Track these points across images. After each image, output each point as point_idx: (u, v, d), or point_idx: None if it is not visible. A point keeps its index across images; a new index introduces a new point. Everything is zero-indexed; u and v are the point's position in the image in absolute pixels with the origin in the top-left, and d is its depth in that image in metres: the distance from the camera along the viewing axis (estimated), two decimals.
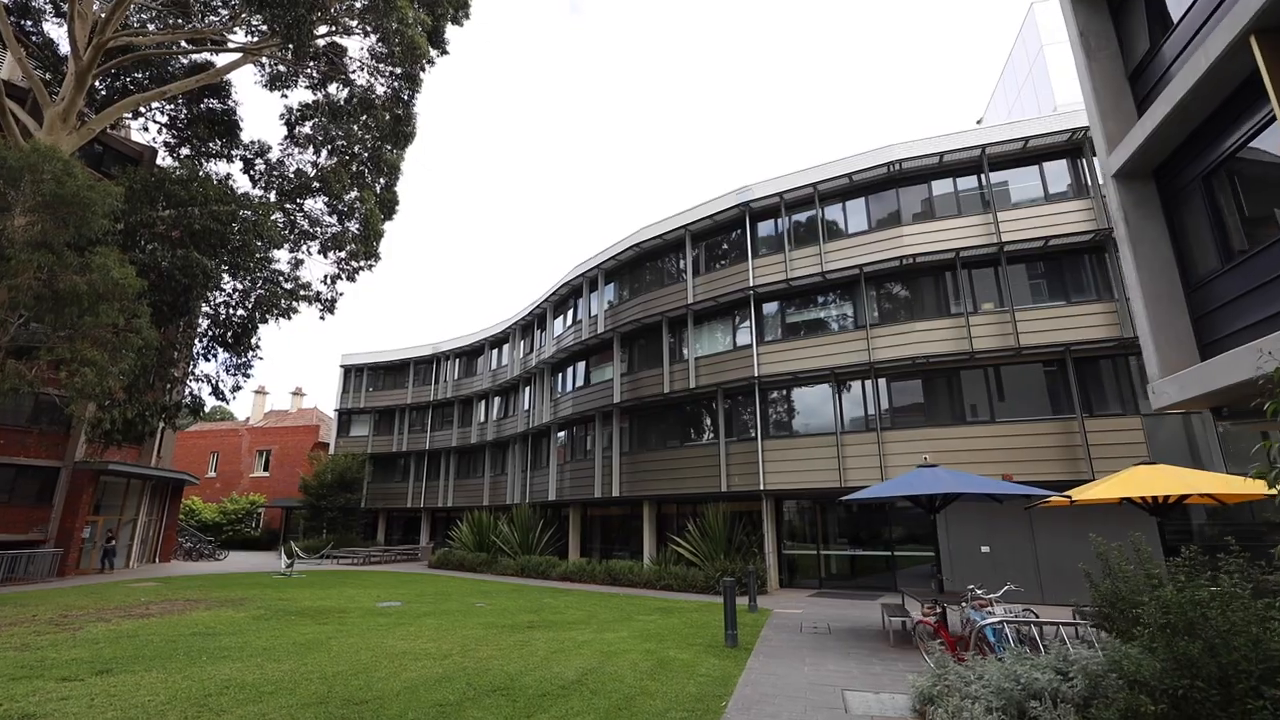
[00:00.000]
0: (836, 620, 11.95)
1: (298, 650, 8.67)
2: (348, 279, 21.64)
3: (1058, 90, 17.50)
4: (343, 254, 21.47)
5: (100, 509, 22.34)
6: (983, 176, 16.97)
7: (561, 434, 26.01)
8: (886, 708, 6.06)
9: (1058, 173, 16.73)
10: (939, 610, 7.36)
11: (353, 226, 21.67)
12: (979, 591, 7.19)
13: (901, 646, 9.17)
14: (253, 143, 21.93)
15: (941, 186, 17.69)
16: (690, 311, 20.74)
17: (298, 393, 44.04)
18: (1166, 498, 8.93)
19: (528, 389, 29.30)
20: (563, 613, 12.64)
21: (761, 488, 17.76)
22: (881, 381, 17.12)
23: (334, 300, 21.67)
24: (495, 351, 33.06)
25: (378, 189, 22.11)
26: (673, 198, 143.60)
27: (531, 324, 29.94)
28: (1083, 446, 14.49)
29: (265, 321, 18.55)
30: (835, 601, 14.70)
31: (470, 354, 34.60)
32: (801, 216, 19.44)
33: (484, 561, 23.57)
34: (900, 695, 6.38)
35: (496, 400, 32.05)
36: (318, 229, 21.27)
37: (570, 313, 26.77)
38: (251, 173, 21.77)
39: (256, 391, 42.18)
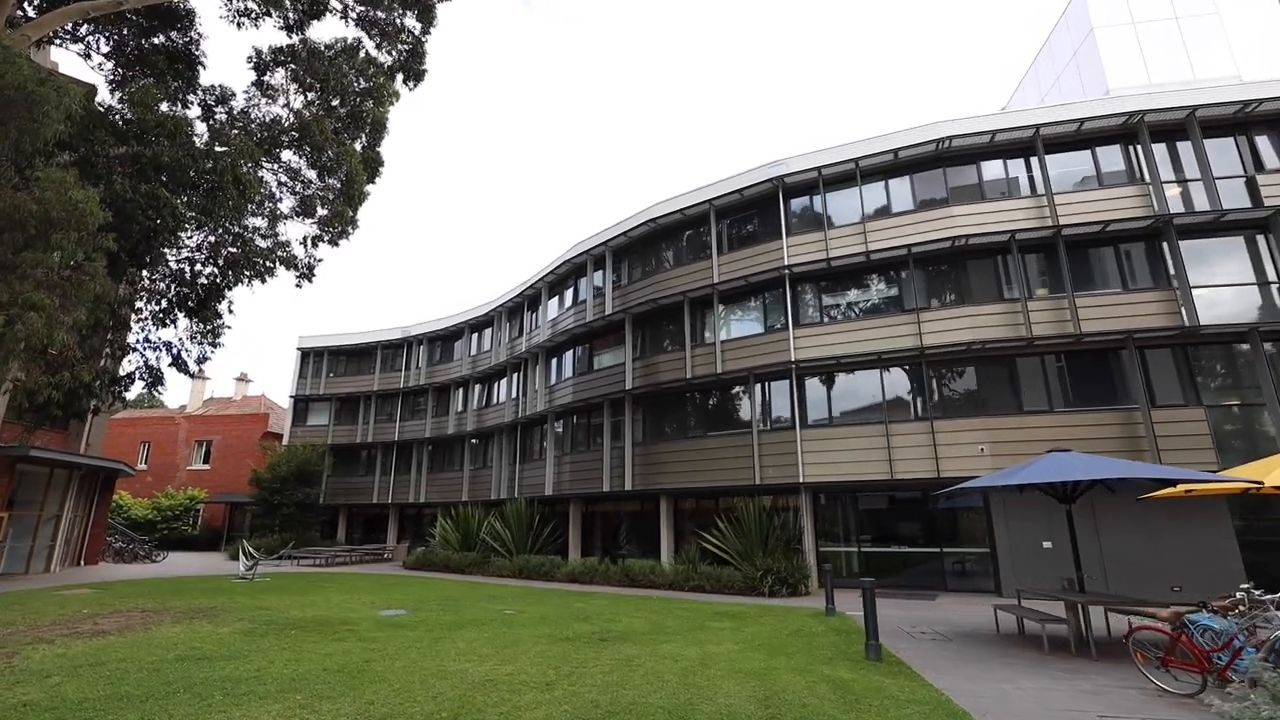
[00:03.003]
0: (926, 623, 10.73)
1: (340, 680, 6.66)
2: (329, 243, 19.07)
3: (1110, 74, 17.05)
4: (324, 213, 18.91)
5: (14, 503, 18.85)
6: (1037, 158, 16.26)
7: (559, 423, 24.04)
8: None
9: (1111, 157, 16.21)
10: (1180, 616, 6.17)
11: (334, 183, 19.15)
12: (1256, 593, 6.02)
13: (1060, 654, 7.99)
14: (214, 86, 18.99)
15: (991, 167, 16.92)
16: (716, 291, 19.28)
17: (243, 378, 39.98)
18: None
19: (516, 375, 27.12)
20: (617, 620, 10.92)
21: (800, 480, 16.49)
22: (931, 368, 16.14)
23: (312, 266, 19.07)
24: (476, 336, 30.64)
25: (359, 146, 19.65)
26: (664, 185, 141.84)
27: (521, 306, 27.77)
28: (1148, 438, 13.88)
29: (238, 283, 15.88)
30: (897, 602, 13.53)
31: (447, 338, 32.00)
32: (842, 193, 18.30)
33: (473, 562, 21.37)
34: None
35: (477, 388, 29.66)
36: (296, 183, 18.63)
37: (570, 293, 24.83)
38: (212, 121, 18.85)
39: (195, 376, 37.89)
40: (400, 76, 16.57)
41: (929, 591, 14.96)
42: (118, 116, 14.07)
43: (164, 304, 14.93)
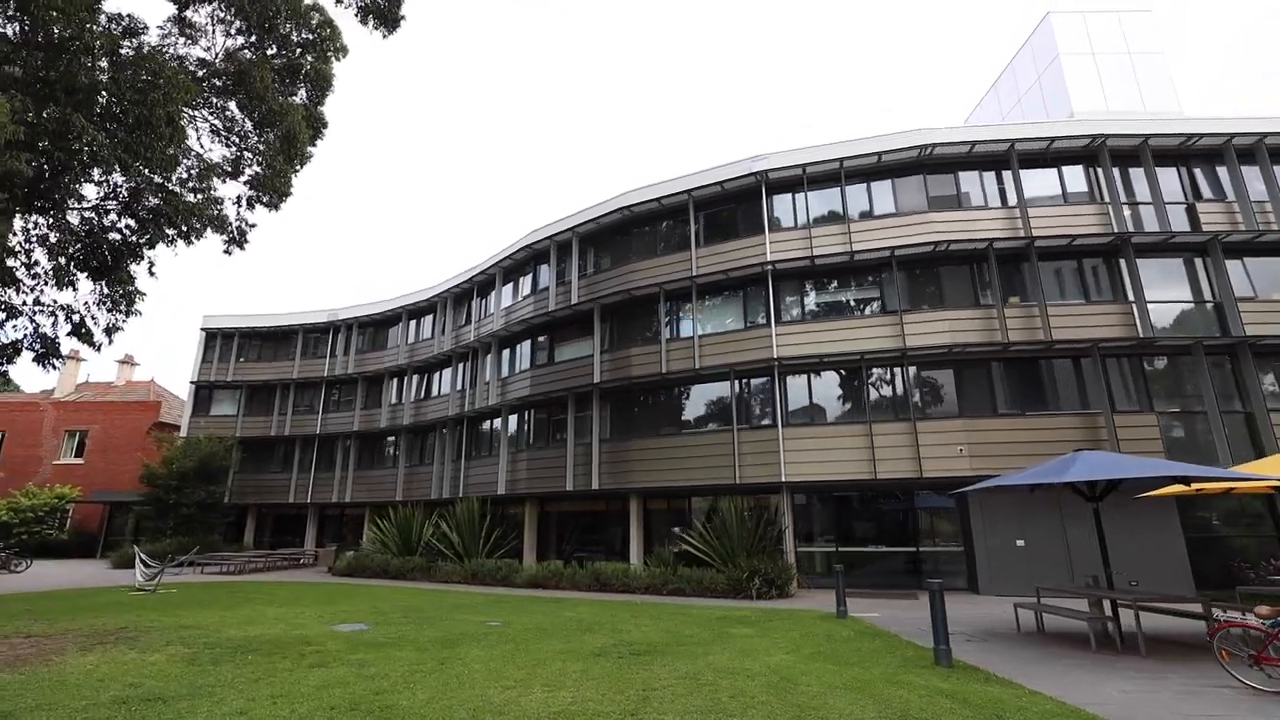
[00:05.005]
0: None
1: None
2: (266, 205, 16.75)
3: (1075, 99, 18.10)
4: (259, 171, 16.58)
5: None
6: (1011, 172, 16.90)
7: (514, 418, 22.56)
8: None
9: (1075, 176, 17.13)
10: (1278, 614, 6.11)
11: (272, 139, 16.85)
12: None
13: (1108, 652, 7.95)
14: (120, 16, 16.13)
15: (968, 177, 17.43)
16: (695, 285, 18.68)
17: (127, 361, 34.95)
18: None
19: (463, 366, 25.29)
20: (625, 630, 9.97)
21: (782, 479, 16.19)
22: (913, 369, 16.35)
23: (244, 230, 16.73)
24: (414, 323, 28.36)
25: (298, 99, 17.45)
26: (635, 178, 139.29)
27: (470, 292, 25.94)
28: (1110, 441, 14.65)
29: (159, 242, 13.46)
30: (884, 602, 13.45)
31: (380, 324, 29.43)
32: (825, 192, 18.25)
33: (417, 567, 19.51)
34: None
35: (415, 379, 27.44)
36: (231, 135, 16.25)
37: (529, 280, 23.42)
38: (126, 51, 15.99)
39: (65, 356, 32.69)
40: (373, 21, 14.70)
41: (909, 591, 15.05)
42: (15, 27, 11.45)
43: (63, 261, 12.30)
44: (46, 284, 12.67)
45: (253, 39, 16.30)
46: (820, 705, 5.47)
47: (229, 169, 16.50)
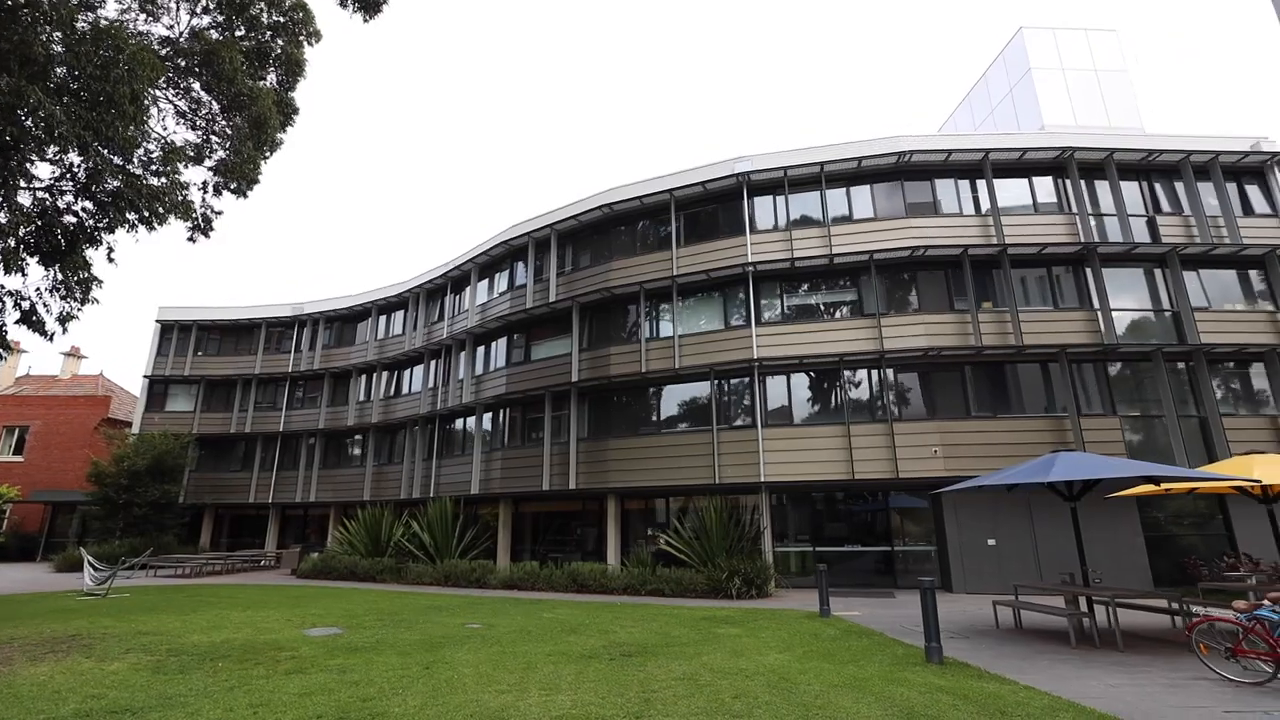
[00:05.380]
0: (919, 622, 10.70)
1: None
2: (234, 192, 16.09)
3: (1045, 112, 18.70)
4: (226, 156, 15.92)
5: None
6: (985, 180, 17.34)
7: (489, 417, 22.16)
8: None
9: (1045, 187, 17.69)
10: (1255, 608, 6.34)
11: (241, 123, 16.19)
12: None
13: (1087, 648, 8.16)
14: None
15: (944, 184, 17.82)
16: (675, 284, 18.64)
17: (73, 353, 33.16)
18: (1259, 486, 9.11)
19: (435, 363, 24.75)
20: (612, 631, 9.83)
21: (761, 479, 16.26)
22: (890, 371, 16.61)
23: (210, 218, 16.04)
24: (385, 318, 27.64)
25: (269, 83, 16.84)
26: (611, 178, 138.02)
27: (443, 288, 25.39)
28: (1076, 443, 15.13)
29: (119, 226, 12.74)
30: (862, 600, 13.60)
31: (348, 319, 28.57)
32: (806, 195, 18.43)
33: (386, 569, 18.96)
34: None
35: (384, 375, 26.73)
36: (198, 117, 15.57)
37: (505, 277, 23.05)
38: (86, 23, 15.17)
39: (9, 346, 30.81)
40: (352, 4, 14.22)
41: (885, 590, 15.28)
42: None
43: (13, 243, 11.52)
44: None
45: (220, 19, 15.69)
46: (825, 704, 5.44)
47: (194, 153, 15.84)
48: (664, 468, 17.56)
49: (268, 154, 16.71)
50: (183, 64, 15.34)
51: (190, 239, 15.82)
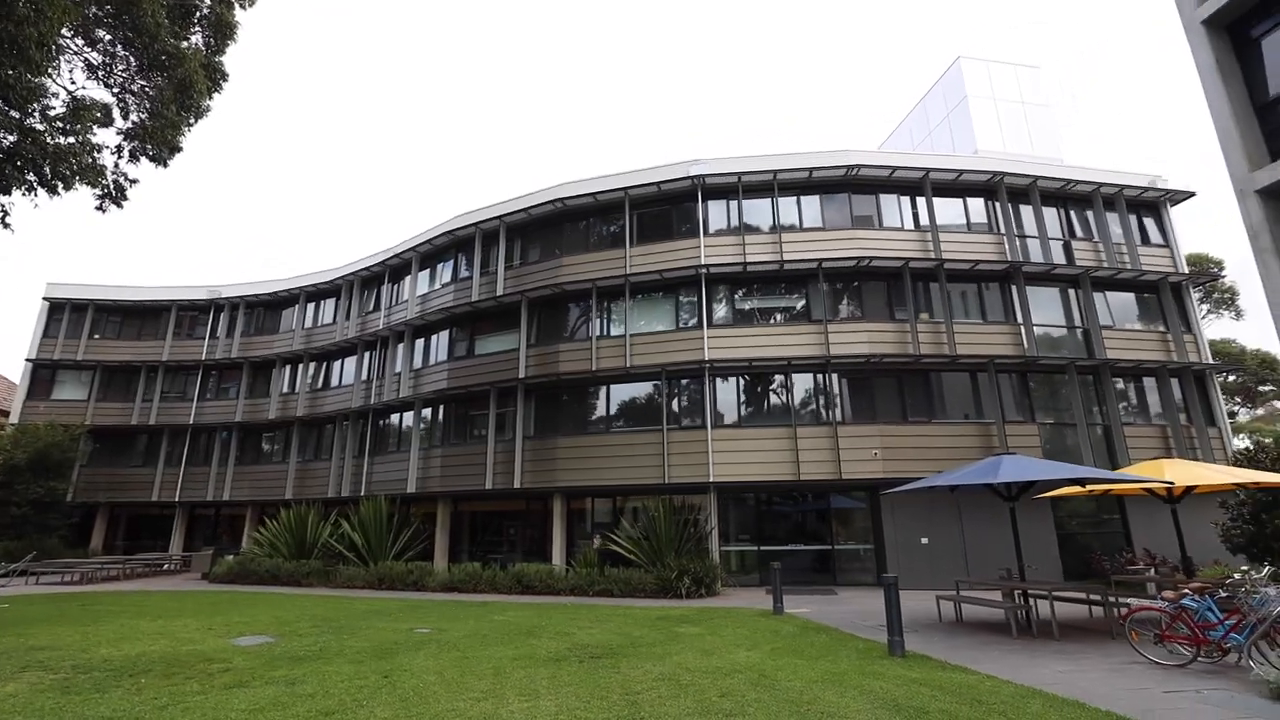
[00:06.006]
0: (869, 616, 11.15)
1: None
2: (152, 159, 14.69)
3: (979, 138, 19.98)
4: (144, 119, 14.51)
5: None
6: (924, 198, 18.32)
7: (428, 412, 21.26)
8: (1259, 710, 5.23)
9: (976, 207, 18.88)
10: (1180, 599, 6.95)
11: (163, 84, 14.80)
12: (1258, 576, 6.93)
13: (1026, 638, 8.73)
14: None
15: (888, 199, 18.67)
16: (628, 283, 18.57)
17: None
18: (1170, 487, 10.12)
19: (369, 355, 23.53)
20: (571, 633, 9.62)
21: (710, 479, 16.44)
22: (835, 376, 17.20)
23: (123, 186, 14.64)
24: (313, 306, 26.01)
25: (194, 42, 15.53)
26: (557, 174, 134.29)
27: (381, 276, 24.17)
28: (1000, 447, 16.21)
29: (15, 188, 11.32)
30: (808, 598, 14.01)
31: (272, 305, 26.68)
32: (759, 202, 18.83)
33: (313, 572, 17.81)
34: (1243, 695, 5.66)
35: (312, 366, 25.14)
36: (114, 75, 14.13)
37: (449, 267, 22.22)
38: None
39: None
40: None
41: (826, 587, 15.81)
42: None
43: None
44: None
45: None
46: (813, 700, 5.51)
47: (106, 114, 14.37)
48: (612, 467, 17.44)
49: (192, 121, 15.46)
50: (96, 11, 13.87)
51: (99, 208, 14.41)
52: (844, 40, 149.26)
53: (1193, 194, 19.53)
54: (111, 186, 14.21)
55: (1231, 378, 29.80)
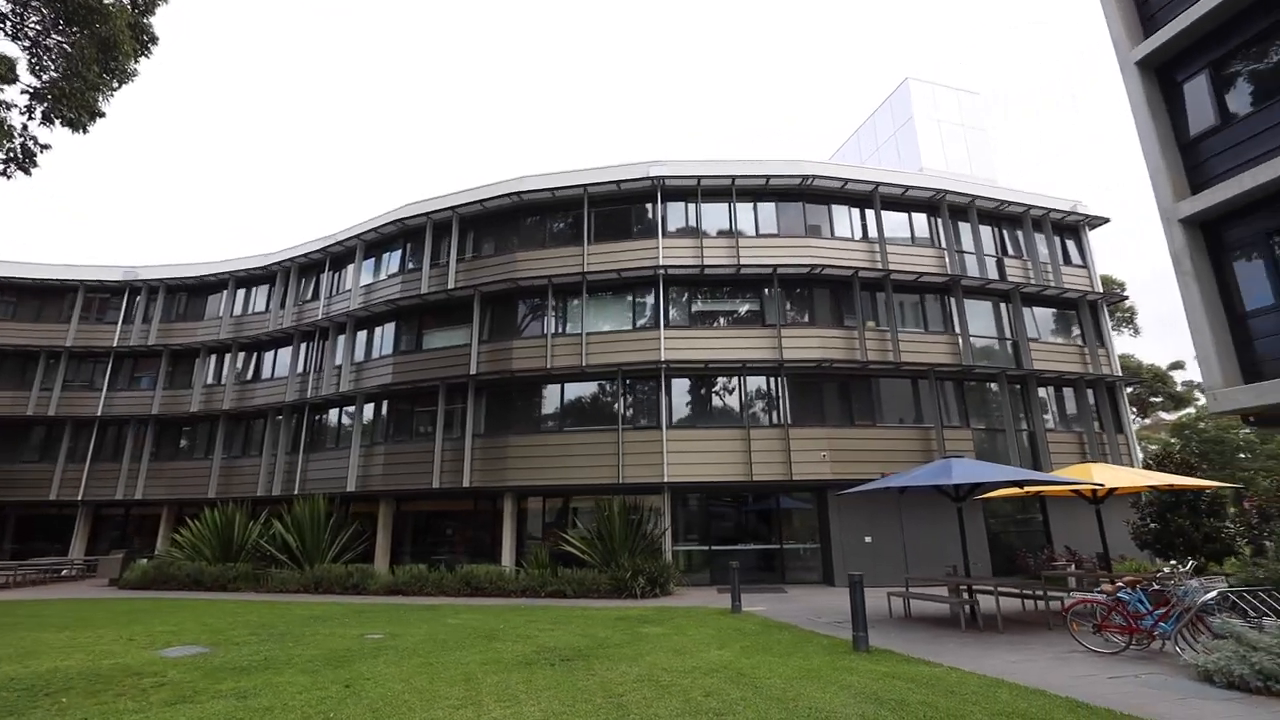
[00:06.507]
0: (821, 613, 11.49)
1: None
2: (67, 123, 13.40)
3: (924, 156, 20.98)
4: (59, 78, 13.24)
5: None
6: (874, 210, 19.08)
7: (371, 408, 20.35)
8: (1209, 693, 5.72)
9: (920, 222, 19.84)
10: (1116, 592, 7.50)
11: (83, 41, 13.55)
12: (1183, 570, 7.54)
13: (974, 631, 9.22)
14: None
15: (839, 210, 19.34)
16: (585, 281, 18.41)
17: None
18: (1098, 489, 11.01)
19: (306, 346, 22.30)
20: (533, 636, 9.41)
21: (665, 479, 16.53)
22: (786, 379, 17.63)
23: (32, 152, 13.40)
24: (244, 292, 24.40)
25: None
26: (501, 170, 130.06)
27: (321, 264, 22.94)
28: (939, 451, 17.11)
29: None
30: (759, 596, 14.28)
31: (198, 290, 24.84)
32: (717, 206, 19.08)
33: (241, 576, 16.68)
34: (1175, 678, 6.18)
35: (241, 357, 23.58)
36: (24, 28, 12.84)
37: (396, 257, 21.36)
38: None
39: None
40: None
41: (776, 585, 16.18)
42: None
43: None
44: None
45: None
46: (797, 697, 5.61)
47: (7, 70, 13.01)
48: (566, 467, 17.24)
49: (116, 85, 14.29)
50: None
51: (3, 173, 13.05)
52: (804, 54, 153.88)
53: (1108, 220, 21.26)
54: (19, 150, 12.93)
55: (1130, 389, 32.66)
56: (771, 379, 17.73)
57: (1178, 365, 38.69)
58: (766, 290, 18.37)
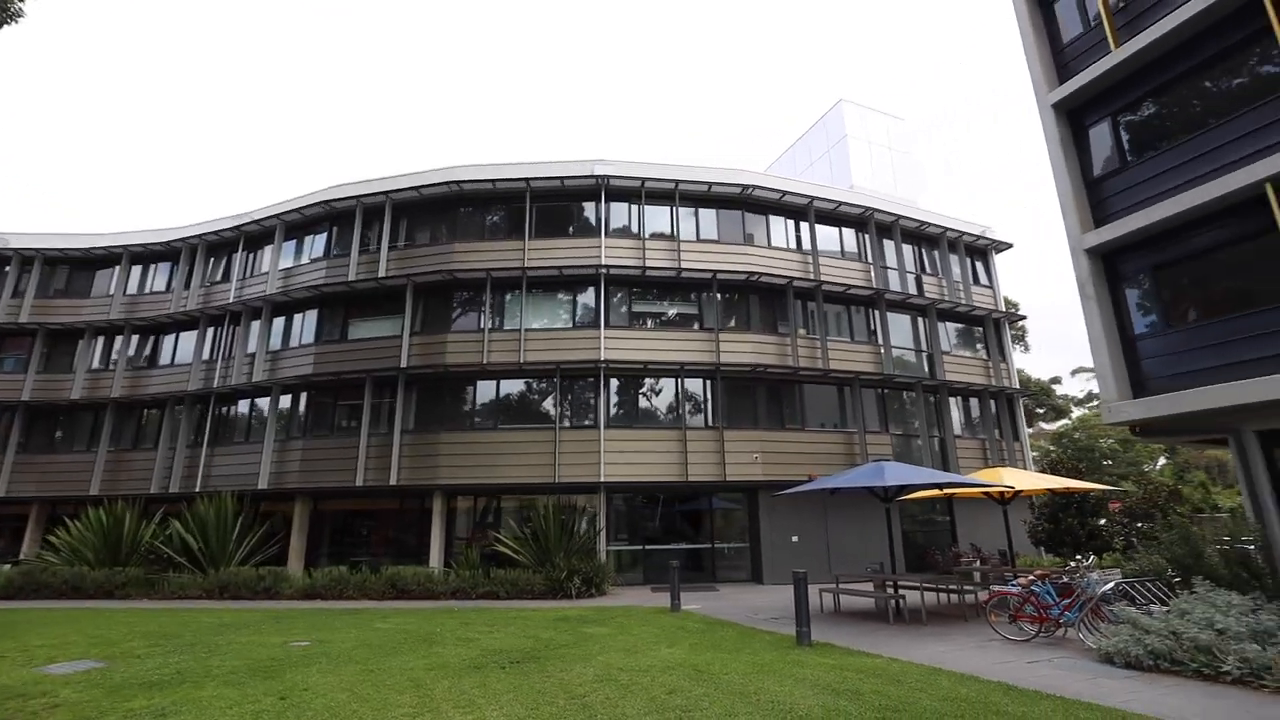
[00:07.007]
0: (757, 609, 11.87)
1: None
2: None
3: (855, 174, 22.13)
4: None
5: None
6: (808, 223, 19.94)
7: (287, 400, 19.03)
8: (1113, 673, 6.40)
9: (850, 237, 20.92)
10: (1030, 584, 8.20)
11: None
12: (1085, 564, 8.31)
13: (901, 623, 9.82)
14: None
15: (776, 221, 20.05)
16: (526, 276, 18.09)
17: None
18: (1006, 491, 12.08)
19: (213, 331, 20.57)
20: (475, 639, 9.12)
21: (601, 479, 16.53)
22: (722, 383, 18.06)
23: None
24: (140, 269, 22.20)
25: None
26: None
27: (234, 243, 21.23)
28: (861, 455, 18.11)
29: None
30: (694, 595, 14.57)
31: (83, 264, 22.31)
32: (660, 209, 19.27)
33: (132, 581, 15.13)
34: (1082, 661, 6.86)
35: (134, 339, 21.41)
36: None
37: (321, 241, 20.12)
38: None
39: None
40: None
41: (707, 584, 16.54)
42: None
43: None
44: None
45: None
46: (758, 690, 5.77)
47: None
48: (500, 465, 16.87)
49: None
50: None
51: None
52: (748, 69, 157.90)
53: (1011, 245, 23.28)
54: None
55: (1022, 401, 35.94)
56: (708, 382, 18.13)
57: (1055, 380, 42.96)
58: (705, 295, 18.76)
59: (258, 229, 20.71)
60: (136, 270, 22.10)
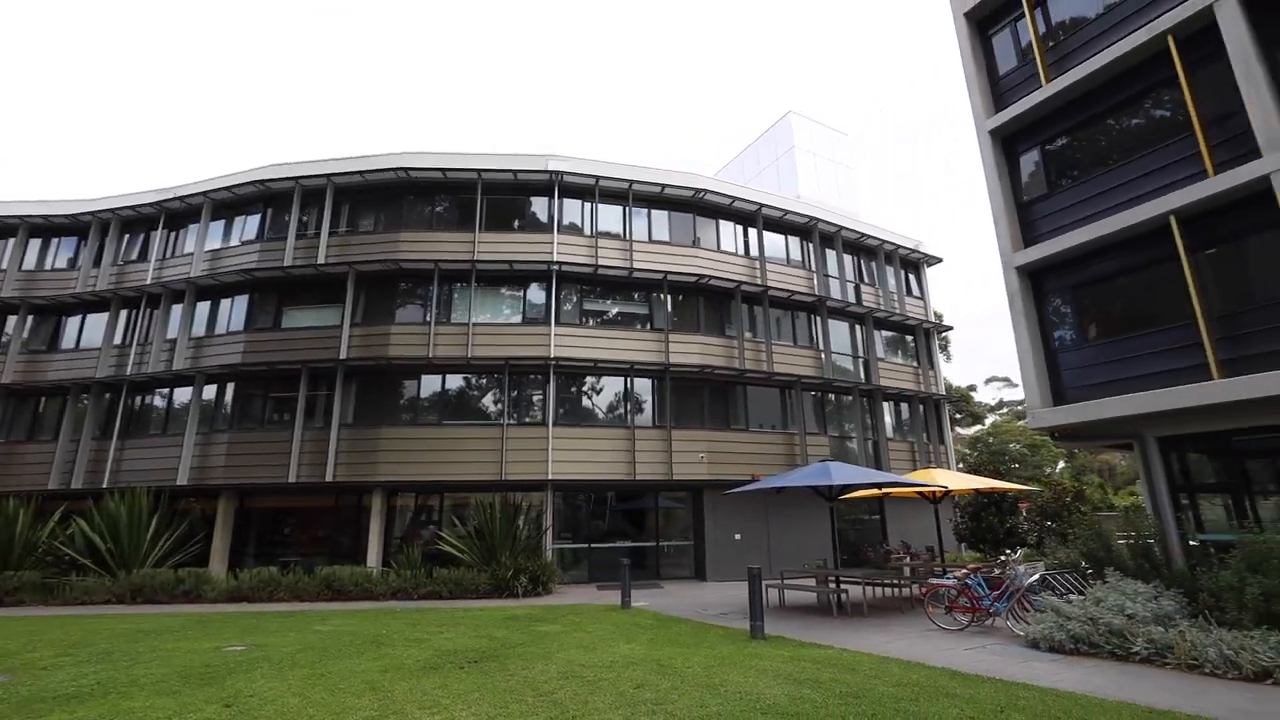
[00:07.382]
0: (706, 606, 12.14)
1: None
2: None
3: (801, 184, 22.87)
4: None
5: None
6: (756, 229, 20.49)
7: (212, 390, 17.82)
8: (1040, 656, 6.97)
9: (795, 245, 21.65)
10: (965, 578, 8.75)
11: None
12: (1014, 557, 8.91)
13: (845, 617, 10.30)
14: None
15: (726, 226, 20.49)
16: (475, 269, 17.71)
17: None
18: (937, 491, 12.90)
19: (127, 314, 19.02)
20: (426, 640, 8.89)
21: (549, 477, 16.41)
22: (670, 383, 18.29)
23: None
24: (40, 243, 20.21)
25: None
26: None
27: (154, 219, 19.67)
28: (801, 456, 18.80)
29: None
30: (642, 592, 14.62)
31: None
32: (613, 208, 19.31)
33: (28, 585, 13.81)
34: (1012, 646, 7.43)
35: (30, 320, 19.46)
36: None
37: (255, 222, 18.99)
38: None
39: None
40: None
41: (652, 581, 16.72)
42: None
43: None
44: None
45: None
46: (723, 682, 5.93)
47: None
48: (445, 462, 16.45)
49: None
50: None
51: None
52: (697, 69, 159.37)
53: (941, 259, 24.74)
54: None
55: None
56: (656, 381, 18.32)
57: (972, 388, 45.94)
58: (656, 295, 18.95)
59: (182, 206, 19.29)
60: (35, 244, 20.09)
